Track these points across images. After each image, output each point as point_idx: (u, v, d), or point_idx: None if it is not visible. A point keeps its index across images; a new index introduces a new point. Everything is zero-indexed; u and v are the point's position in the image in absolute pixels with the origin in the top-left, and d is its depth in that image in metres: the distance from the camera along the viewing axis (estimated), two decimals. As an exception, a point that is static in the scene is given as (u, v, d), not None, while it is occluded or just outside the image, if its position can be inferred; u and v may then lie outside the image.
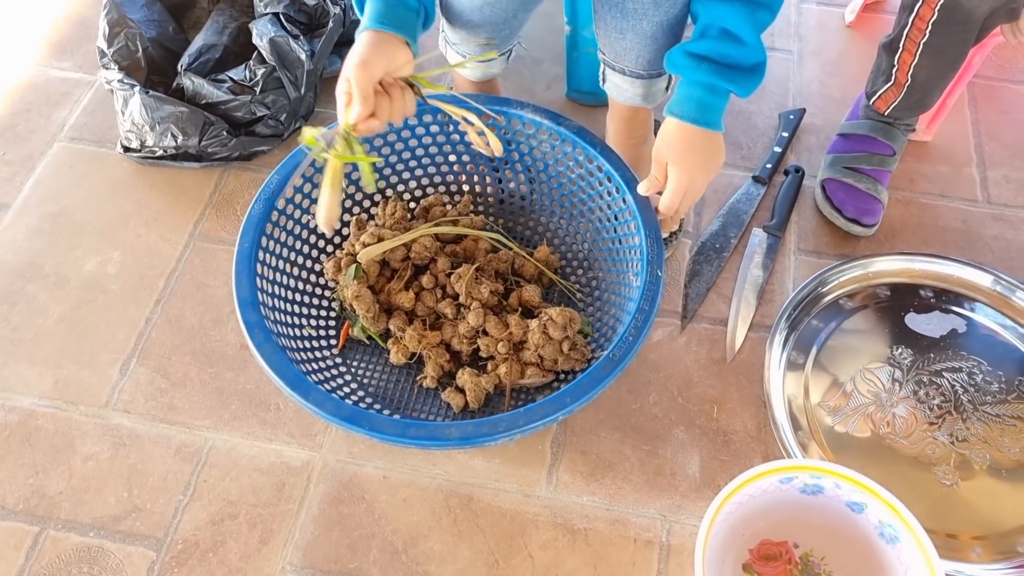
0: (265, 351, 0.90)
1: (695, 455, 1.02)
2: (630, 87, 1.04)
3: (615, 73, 1.04)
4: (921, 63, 1.10)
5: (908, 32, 1.09)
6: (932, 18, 1.05)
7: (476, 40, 1.05)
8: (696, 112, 0.89)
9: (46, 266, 1.19)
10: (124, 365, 1.09)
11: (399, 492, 0.99)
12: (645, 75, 1.01)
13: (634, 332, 0.90)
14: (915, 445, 1.02)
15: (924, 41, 1.07)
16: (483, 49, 1.07)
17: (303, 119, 1.30)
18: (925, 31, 1.06)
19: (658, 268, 0.94)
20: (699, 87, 0.89)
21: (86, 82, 1.40)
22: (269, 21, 1.23)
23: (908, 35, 1.09)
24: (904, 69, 1.12)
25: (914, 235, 1.20)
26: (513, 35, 1.07)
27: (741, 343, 1.10)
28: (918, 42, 1.08)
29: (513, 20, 0.99)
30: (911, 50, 1.10)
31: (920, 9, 1.05)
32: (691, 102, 0.89)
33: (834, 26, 1.47)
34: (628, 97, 1.06)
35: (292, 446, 1.03)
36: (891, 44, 1.13)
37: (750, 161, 1.29)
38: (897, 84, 1.15)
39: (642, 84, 1.02)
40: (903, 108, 1.18)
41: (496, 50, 1.08)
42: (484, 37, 1.04)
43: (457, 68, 1.12)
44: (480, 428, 0.85)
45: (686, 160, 0.92)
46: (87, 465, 1.01)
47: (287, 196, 1.04)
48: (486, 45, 1.07)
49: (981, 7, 1.02)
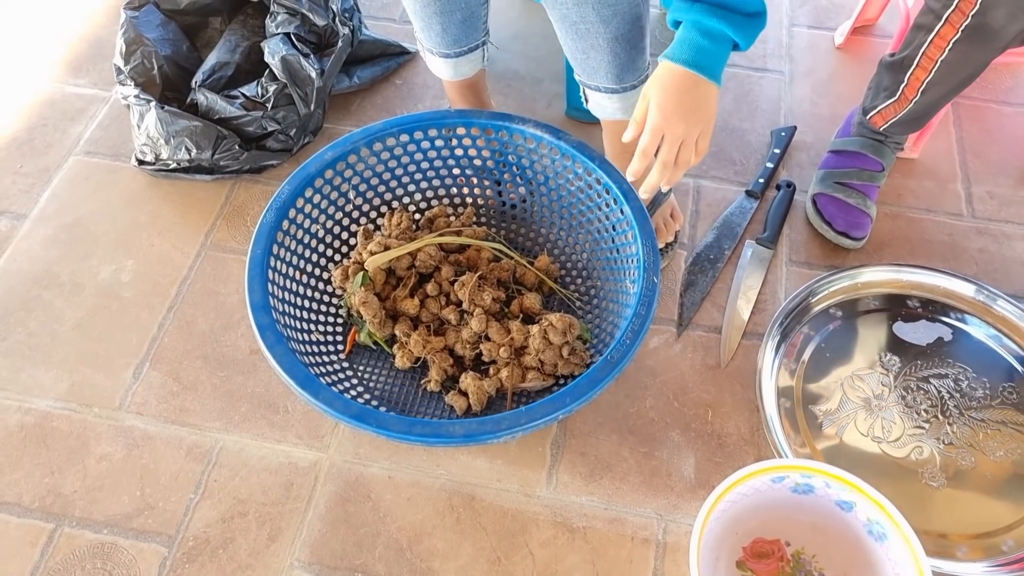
0: (276, 352, 0.93)
1: (690, 457, 1.05)
2: (608, 103, 1.08)
3: (592, 91, 1.09)
4: (934, 80, 1.11)
5: (925, 50, 1.08)
6: (955, 37, 1.04)
7: (434, 31, 1.09)
8: (688, 53, 0.87)
9: (62, 274, 1.22)
10: (137, 369, 1.13)
11: (404, 491, 1.03)
12: (619, 89, 1.05)
13: (631, 336, 0.94)
14: (903, 448, 1.05)
15: (942, 59, 1.07)
16: (456, 49, 1.12)
17: (312, 134, 1.35)
18: (945, 49, 1.06)
19: (654, 275, 0.98)
20: (695, 29, 0.86)
21: (101, 98, 1.45)
22: (281, 40, 1.28)
23: (925, 53, 1.08)
24: (915, 85, 1.13)
25: (901, 248, 1.25)
26: (469, 21, 1.07)
27: (735, 350, 1.14)
28: (935, 59, 1.08)
29: (460, 5, 1.01)
30: (926, 67, 1.10)
31: (942, 28, 1.04)
32: (685, 43, 0.87)
33: (824, 48, 1.52)
34: (610, 112, 1.10)
35: (300, 447, 1.06)
36: (902, 61, 1.13)
37: (743, 176, 1.33)
38: (902, 100, 1.16)
39: (619, 98, 1.07)
40: (900, 124, 1.20)
41: (460, 43, 1.11)
42: (439, 24, 1.07)
43: (432, 68, 1.21)
44: (484, 426, 0.89)
45: (667, 100, 0.89)
46: (101, 465, 1.05)
47: (297, 206, 1.08)
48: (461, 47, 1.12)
49: (1009, 28, 1.00)
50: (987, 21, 1.00)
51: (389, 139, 1.13)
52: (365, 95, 1.45)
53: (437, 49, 1.13)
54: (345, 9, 1.37)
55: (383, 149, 1.14)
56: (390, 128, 1.13)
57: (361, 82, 1.42)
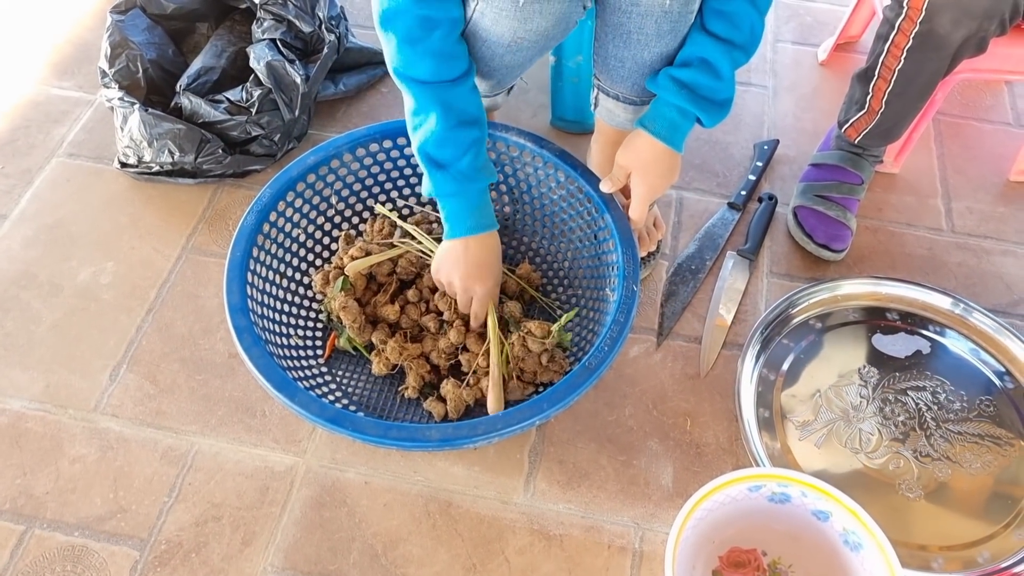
0: (253, 354, 0.93)
1: (668, 466, 1.05)
2: (622, 112, 1.09)
3: (609, 99, 1.08)
4: (895, 90, 1.15)
5: (883, 59, 1.13)
6: (907, 45, 1.09)
7: (502, 86, 1.09)
8: (666, 130, 0.99)
9: (40, 275, 1.22)
10: (114, 371, 1.12)
11: (380, 497, 1.02)
12: (638, 101, 1.06)
13: (609, 342, 0.94)
14: (881, 460, 1.05)
15: (899, 68, 1.12)
16: (495, 92, 1.14)
17: (296, 140, 1.35)
18: (900, 58, 1.11)
19: (634, 283, 0.99)
20: (674, 109, 0.97)
21: (85, 101, 1.45)
22: (266, 46, 1.28)
23: (883, 62, 1.13)
24: (879, 96, 1.17)
25: (881, 261, 1.26)
26: (514, 76, 1.08)
27: (714, 360, 1.14)
28: (893, 69, 1.12)
29: (528, 63, 1.03)
30: (886, 77, 1.14)
31: (895, 37, 1.10)
32: (664, 120, 0.98)
33: (808, 64, 1.54)
34: (620, 122, 1.11)
35: (276, 451, 1.05)
36: (866, 72, 1.18)
37: (726, 188, 1.34)
38: (870, 112, 1.19)
39: (634, 110, 1.08)
40: (873, 136, 1.23)
41: (504, 84, 1.11)
42: (508, 82, 1.08)
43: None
44: (460, 431, 0.89)
45: (650, 171, 1.01)
46: (74, 467, 1.04)
47: (278, 210, 1.08)
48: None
49: (954, 34, 1.05)
50: (934, 27, 1.05)
51: (372, 145, 1.13)
52: (351, 102, 1.45)
53: (484, 93, 1.10)
54: (332, 17, 1.38)
55: (366, 155, 1.14)
56: (374, 134, 1.13)
57: (347, 89, 1.42)
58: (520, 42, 0.93)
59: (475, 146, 0.96)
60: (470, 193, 0.98)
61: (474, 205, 0.99)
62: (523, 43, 0.94)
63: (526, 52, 0.97)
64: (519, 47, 0.94)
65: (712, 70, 0.94)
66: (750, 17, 0.93)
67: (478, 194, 0.99)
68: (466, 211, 0.99)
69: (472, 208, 0.99)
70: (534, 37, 0.93)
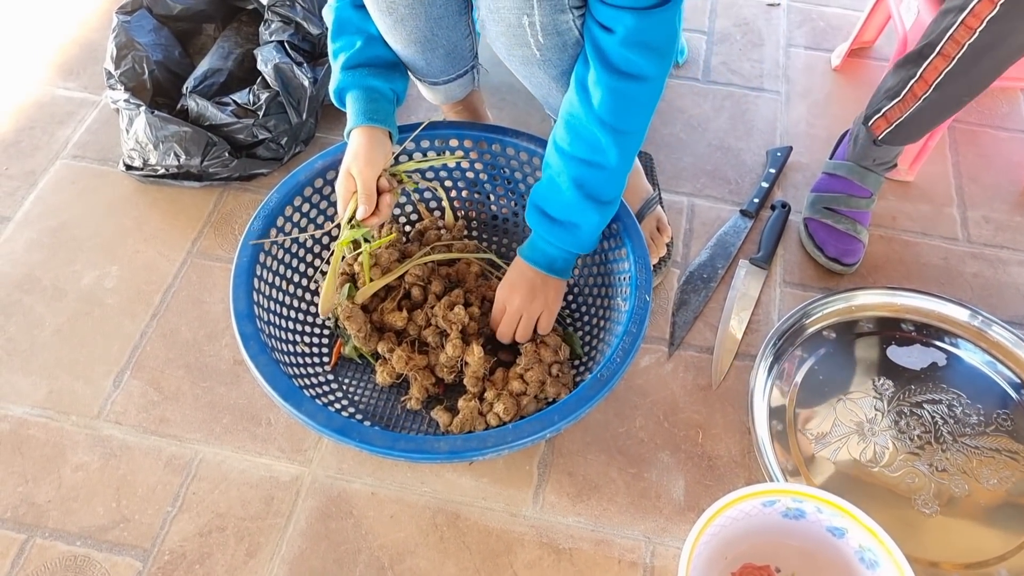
0: (260, 362, 0.91)
1: (680, 479, 1.03)
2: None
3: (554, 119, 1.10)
4: (956, 70, 1.03)
5: (953, 32, 1.01)
6: (991, 13, 0.96)
7: (418, 65, 1.07)
8: (537, 255, 1.00)
9: (44, 279, 1.20)
10: (118, 377, 1.10)
11: (387, 508, 1.00)
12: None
13: (622, 354, 0.92)
14: (896, 474, 1.04)
15: (970, 42, 1.00)
16: (443, 77, 1.11)
17: (304, 143, 1.33)
18: (976, 30, 0.98)
19: (646, 293, 0.97)
20: (535, 234, 1.00)
21: (91, 102, 1.43)
22: (274, 48, 1.27)
23: (952, 36, 1.01)
24: (929, 79, 1.07)
25: (896, 271, 1.24)
26: (454, 54, 1.06)
27: (727, 371, 1.13)
28: (962, 43, 1.00)
29: (436, 38, 1.01)
30: (948, 54, 1.02)
31: (977, 6, 0.97)
32: (534, 247, 1.01)
33: (821, 69, 1.52)
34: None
35: (282, 461, 1.04)
36: (920, 52, 1.06)
37: (738, 196, 1.32)
38: (909, 99, 1.10)
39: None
40: (901, 131, 1.16)
41: (448, 72, 1.10)
42: (423, 60, 1.05)
43: (423, 93, 1.19)
44: (469, 443, 0.87)
45: (517, 292, 1.01)
46: (77, 475, 1.02)
47: (286, 215, 1.06)
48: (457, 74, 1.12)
49: None
50: None
51: (381, 149, 1.11)
52: (359, 105, 1.43)
53: (424, 78, 1.12)
54: (340, 18, 1.36)
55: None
56: (382, 138, 1.11)
57: (355, 92, 1.40)
58: (394, 8, 0.95)
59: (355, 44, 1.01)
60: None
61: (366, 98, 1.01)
62: (397, 7, 0.95)
63: (409, 22, 0.97)
64: (394, 9, 0.95)
65: (552, 184, 0.96)
66: (597, 136, 0.91)
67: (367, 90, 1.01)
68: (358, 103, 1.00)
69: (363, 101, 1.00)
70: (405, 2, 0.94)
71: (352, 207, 1.00)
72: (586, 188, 0.94)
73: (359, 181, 0.99)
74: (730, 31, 1.58)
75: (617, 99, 0.87)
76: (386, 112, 1.02)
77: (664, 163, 1.36)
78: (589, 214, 0.95)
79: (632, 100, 0.88)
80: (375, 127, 1.01)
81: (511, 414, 1.00)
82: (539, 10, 0.88)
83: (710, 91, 1.47)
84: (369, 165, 0.99)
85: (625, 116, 0.89)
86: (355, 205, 1.00)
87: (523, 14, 0.90)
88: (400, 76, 1.06)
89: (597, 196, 0.94)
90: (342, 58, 1.01)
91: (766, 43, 1.56)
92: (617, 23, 0.84)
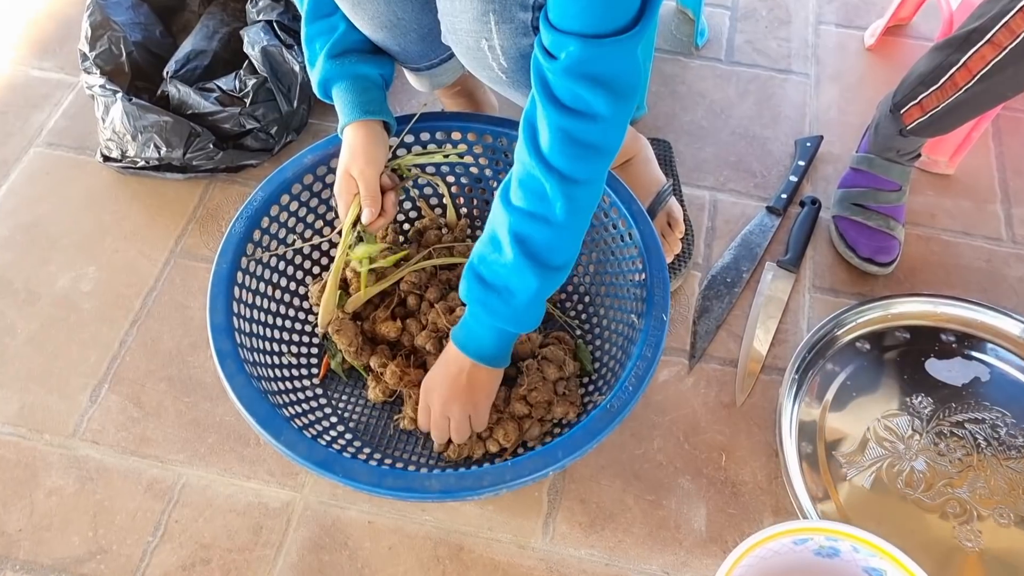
0: (236, 383, 0.83)
1: (701, 507, 0.96)
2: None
3: None
4: (1007, 60, 0.93)
5: (1009, 20, 0.91)
6: None
7: (392, 50, 0.96)
8: (461, 333, 0.85)
9: (15, 281, 1.12)
10: (95, 391, 1.02)
11: (384, 539, 0.93)
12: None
13: (635, 382, 0.84)
14: (935, 501, 0.96)
15: None
16: (424, 63, 1.00)
17: (295, 132, 1.23)
18: None
19: (663, 312, 0.88)
20: (468, 308, 0.84)
21: (68, 84, 1.34)
22: (262, 29, 1.16)
23: (1008, 23, 0.91)
24: (976, 67, 0.96)
25: (934, 274, 1.14)
26: (429, 38, 0.94)
27: (752, 386, 1.04)
28: (1018, 33, 0.90)
29: (402, 21, 0.90)
30: (1000, 42, 0.92)
31: None
32: (464, 327, 0.85)
33: (853, 49, 1.41)
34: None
35: (271, 485, 0.96)
36: (968, 36, 0.96)
37: (764, 190, 1.22)
38: (949, 88, 1.00)
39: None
40: (934, 122, 1.05)
41: (428, 57, 0.99)
42: (396, 45, 0.94)
43: (409, 80, 1.07)
44: (463, 481, 0.79)
45: (436, 390, 0.89)
46: (50, 500, 0.95)
47: (271, 215, 0.97)
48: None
49: None
50: None
51: (377, 143, 1.02)
52: (355, 88, 1.33)
53: (404, 63, 1.00)
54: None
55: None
56: (378, 130, 1.01)
57: (351, 74, 1.30)
58: None
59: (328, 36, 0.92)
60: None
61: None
62: None
63: (368, 5, 0.87)
64: None
65: (493, 241, 0.81)
66: (541, 183, 0.76)
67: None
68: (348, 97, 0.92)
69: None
70: None
71: (355, 211, 0.92)
72: (527, 245, 0.78)
73: (361, 182, 0.90)
74: (755, 6, 1.46)
75: (564, 140, 0.73)
76: (380, 101, 0.93)
77: (684, 153, 1.26)
78: (528, 278, 0.78)
79: (581, 143, 0.74)
80: (371, 120, 0.92)
81: (512, 439, 0.92)
82: (498, 34, 0.79)
83: (733, 73, 1.37)
84: (370, 164, 0.90)
85: (574, 161, 0.74)
86: (358, 208, 0.92)
87: (481, 38, 0.80)
88: (387, 58, 0.97)
89: (540, 257, 0.78)
90: (322, 45, 0.92)
91: (794, 20, 1.45)
92: (560, 49, 0.70)
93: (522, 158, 0.77)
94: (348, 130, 0.92)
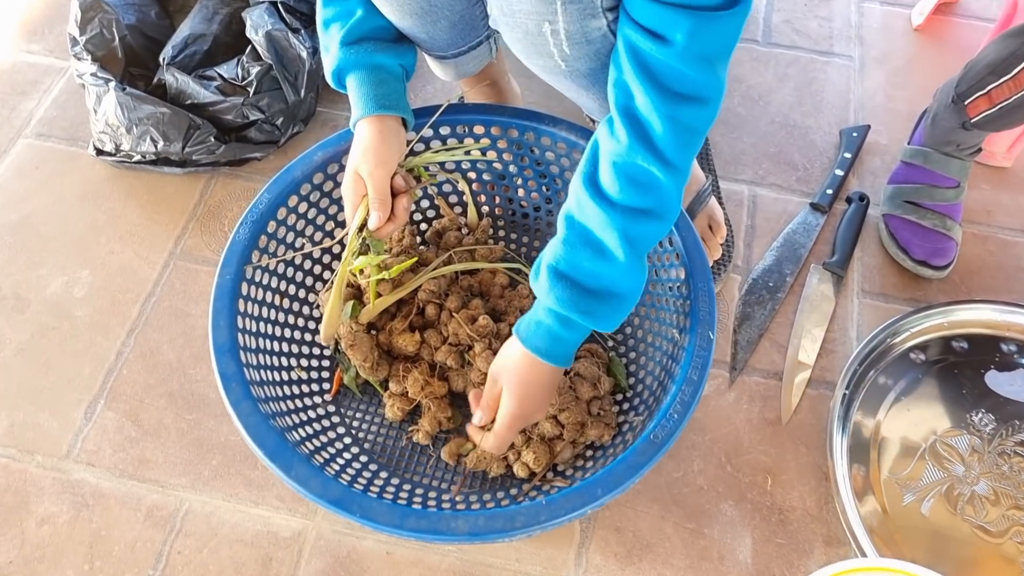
0: (243, 410, 0.76)
1: (746, 536, 0.88)
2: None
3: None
4: None
5: None
6: None
7: (420, 38, 0.89)
8: (544, 342, 0.76)
9: (3, 286, 1.04)
10: (90, 408, 0.95)
11: (404, 572, 0.86)
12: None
13: (680, 409, 0.76)
14: (999, 529, 0.88)
15: None
16: (452, 51, 0.93)
17: (303, 123, 1.14)
18: None
19: (709, 329, 0.80)
20: (551, 314, 0.75)
21: (58, 68, 1.25)
22: (265, 11, 1.07)
23: None
24: None
25: (993, 277, 1.06)
26: (462, 24, 0.87)
27: (798, 402, 0.96)
28: None
29: (436, 8, 0.83)
30: None
31: None
32: (540, 329, 0.76)
33: (900, 29, 1.31)
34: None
35: (281, 512, 0.89)
36: None
37: (807, 185, 1.14)
38: (1021, 78, 0.91)
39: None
40: (998, 118, 0.97)
41: (457, 45, 0.92)
42: (424, 33, 0.87)
43: (432, 68, 1.00)
44: (493, 523, 0.72)
45: (524, 392, 0.78)
46: (43, 530, 0.88)
47: (279, 218, 0.89)
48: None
49: None
50: None
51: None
52: (365, 73, 1.24)
53: (430, 51, 0.93)
54: (343, -28, 1.16)
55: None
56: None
57: (361, 59, 1.21)
58: None
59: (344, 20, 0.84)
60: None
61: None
62: None
63: None
64: None
65: (599, 250, 0.73)
66: (656, 178, 0.70)
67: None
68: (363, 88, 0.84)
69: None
70: None
71: (362, 214, 0.84)
72: (638, 244, 0.72)
73: (370, 184, 0.83)
74: (793, -18, 1.37)
75: (676, 129, 0.68)
76: (398, 94, 0.85)
77: (720, 144, 1.17)
78: (640, 278, 0.74)
79: (691, 129, 0.69)
80: (387, 115, 0.84)
81: (542, 463, 0.85)
82: (564, 16, 0.71)
83: (772, 56, 1.27)
84: (381, 164, 0.83)
85: (685, 149, 0.70)
86: (365, 212, 0.84)
87: (544, 20, 0.72)
88: (409, 47, 0.88)
89: (646, 254, 0.75)
90: (338, 30, 0.83)
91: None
92: (673, 28, 0.63)
93: (621, 152, 0.70)
94: (361, 125, 0.84)
